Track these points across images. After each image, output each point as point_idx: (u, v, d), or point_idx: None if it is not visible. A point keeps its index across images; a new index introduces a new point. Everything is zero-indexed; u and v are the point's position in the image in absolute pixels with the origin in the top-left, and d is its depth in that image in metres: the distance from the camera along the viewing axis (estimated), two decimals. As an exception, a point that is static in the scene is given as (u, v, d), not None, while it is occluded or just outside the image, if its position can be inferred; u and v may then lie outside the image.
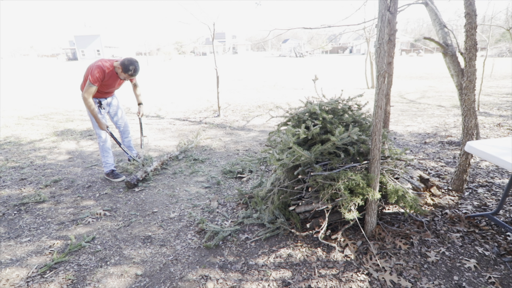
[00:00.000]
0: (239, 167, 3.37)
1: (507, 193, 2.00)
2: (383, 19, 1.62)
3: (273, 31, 3.68)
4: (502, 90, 8.41)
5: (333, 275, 1.75)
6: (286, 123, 2.27)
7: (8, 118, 6.36)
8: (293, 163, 1.95)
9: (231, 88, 10.65)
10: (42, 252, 2.04)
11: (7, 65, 38.93)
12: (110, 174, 3.19)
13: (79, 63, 38.12)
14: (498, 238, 1.98)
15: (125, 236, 2.21)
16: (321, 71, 17.82)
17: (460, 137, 4.12)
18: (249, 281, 1.74)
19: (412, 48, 43.23)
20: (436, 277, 1.69)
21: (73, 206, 2.67)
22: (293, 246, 2.01)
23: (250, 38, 78.95)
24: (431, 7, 2.75)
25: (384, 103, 1.98)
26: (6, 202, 2.75)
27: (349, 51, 55.94)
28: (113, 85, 2.99)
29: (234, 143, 4.40)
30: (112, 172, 3.20)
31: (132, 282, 1.77)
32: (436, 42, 2.66)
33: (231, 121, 5.85)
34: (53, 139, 4.81)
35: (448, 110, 6.16)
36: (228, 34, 66.65)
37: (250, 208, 2.49)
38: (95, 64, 2.79)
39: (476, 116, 2.63)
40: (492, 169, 3.10)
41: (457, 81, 2.68)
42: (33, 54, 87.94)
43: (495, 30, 21.27)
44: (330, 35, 14.60)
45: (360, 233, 2.05)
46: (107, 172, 3.20)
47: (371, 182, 1.84)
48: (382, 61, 1.68)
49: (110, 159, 3.19)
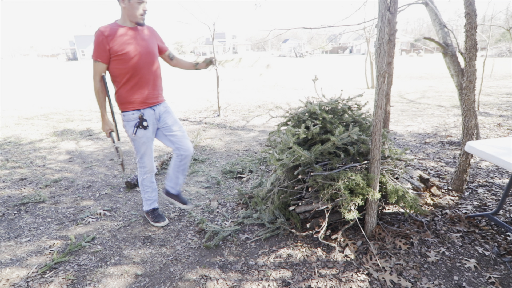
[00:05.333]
0: (239, 167, 3.37)
1: (507, 193, 2.00)
2: (383, 19, 1.62)
3: (273, 31, 3.68)
4: (502, 90, 8.41)
5: (333, 275, 1.75)
6: (286, 123, 2.26)
7: (8, 118, 6.36)
8: (293, 163, 1.95)
9: (231, 88, 10.65)
10: (42, 252, 2.04)
11: (7, 65, 38.94)
12: (150, 214, 2.35)
13: (79, 63, 38.12)
14: (498, 238, 1.98)
15: (125, 236, 2.21)
16: (321, 71, 17.82)
17: (460, 137, 4.12)
18: (249, 281, 1.74)
19: (412, 48, 43.23)
20: (436, 277, 1.69)
21: (73, 206, 2.67)
22: (293, 246, 2.01)
23: (250, 38, 78.96)
24: (431, 7, 2.75)
25: (384, 103, 1.98)
26: (6, 202, 2.75)
27: (349, 51, 55.94)
28: (136, 53, 1.89)
29: (234, 143, 4.40)
30: (153, 211, 2.36)
31: (132, 282, 1.77)
32: (436, 42, 2.66)
33: (231, 121, 5.85)
34: (53, 139, 4.81)
35: (448, 110, 6.16)
36: (228, 34, 66.66)
37: (250, 208, 2.49)
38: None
39: (476, 116, 2.63)
40: (492, 169, 3.10)
41: (457, 81, 2.68)
42: (33, 54, 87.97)
43: (495, 30, 21.28)
44: (330, 35, 14.60)
45: (360, 233, 2.05)
46: (146, 210, 2.37)
47: (371, 182, 1.84)
48: (382, 61, 1.68)
49: (154, 193, 2.35)
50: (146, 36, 1.98)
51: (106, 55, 1.85)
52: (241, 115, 6.37)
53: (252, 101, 8.04)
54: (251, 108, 7.10)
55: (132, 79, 1.94)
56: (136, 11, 1.85)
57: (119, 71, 1.91)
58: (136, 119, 2.01)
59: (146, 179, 2.26)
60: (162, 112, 2.13)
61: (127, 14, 1.87)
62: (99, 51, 1.84)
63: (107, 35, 1.82)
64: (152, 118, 2.07)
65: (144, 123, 2.01)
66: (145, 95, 2.00)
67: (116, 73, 1.92)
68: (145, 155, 2.15)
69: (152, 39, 2.02)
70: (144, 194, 2.33)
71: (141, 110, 2.01)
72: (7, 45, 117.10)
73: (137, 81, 1.95)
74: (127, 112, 2.00)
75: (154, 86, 2.05)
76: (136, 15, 1.86)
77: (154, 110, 2.08)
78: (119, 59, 1.87)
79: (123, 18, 1.90)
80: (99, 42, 1.82)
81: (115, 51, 1.84)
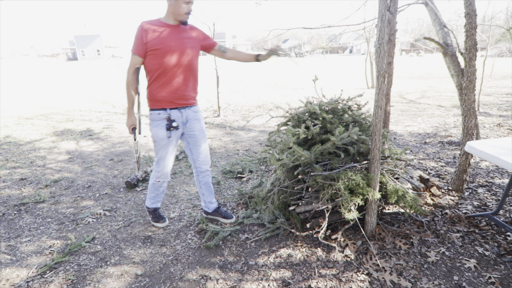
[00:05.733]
0: (239, 167, 3.37)
1: (507, 193, 2.00)
2: (383, 19, 1.62)
3: (273, 31, 3.68)
4: (502, 90, 8.41)
5: (333, 275, 1.75)
6: (286, 123, 2.27)
7: (8, 118, 6.36)
8: (293, 163, 1.95)
9: (231, 88, 10.65)
10: (42, 252, 2.04)
11: (7, 65, 38.93)
12: (152, 213, 2.32)
13: (79, 63, 38.12)
14: (498, 238, 1.98)
15: (125, 236, 2.21)
16: (321, 71, 17.81)
17: (460, 137, 4.12)
18: (249, 281, 1.74)
19: (412, 48, 43.22)
20: (436, 277, 1.69)
21: (73, 206, 2.67)
22: (293, 246, 2.01)
23: (250, 38, 78.93)
24: (431, 7, 2.75)
25: (384, 103, 1.98)
26: (6, 202, 2.75)
27: (349, 51, 55.94)
28: (170, 50, 1.86)
29: (234, 143, 4.40)
30: (154, 211, 2.32)
31: (132, 282, 1.77)
32: (436, 42, 2.66)
33: (231, 121, 5.85)
34: (53, 139, 4.80)
35: (448, 110, 6.16)
36: (228, 34, 66.69)
37: (250, 208, 2.49)
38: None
39: (476, 116, 2.63)
40: (492, 169, 3.10)
41: (457, 81, 2.68)
42: (33, 54, 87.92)
43: (495, 30, 21.27)
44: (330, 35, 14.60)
45: (360, 233, 2.05)
46: (149, 207, 2.31)
47: (371, 182, 1.84)
48: (382, 61, 1.68)
49: (160, 196, 2.29)
50: (187, 35, 1.95)
51: (143, 49, 1.85)
52: (241, 115, 6.37)
53: (252, 101, 8.04)
54: (251, 108, 7.10)
55: (162, 76, 1.90)
56: (181, 10, 1.85)
57: (152, 66, 1.89)
58: (161, 119, 1.95)
59: (157, 183, 2.17)
60: (190, 117, 2.05)
61: (172, 11, 1.87)
62: (137, 44, 1.86)
63: (147, 29, 1.84)
64: (178, 121, 2.00)
65: (173, 123, 1.95)
66: (174, 95, 1.94)
67: (149, 68, 1.91)
68: (162, 159, 2.05)
69: (193, 39, 1.98)
70: (150, 193, 2.25)
71: (168, 110, 1.95)
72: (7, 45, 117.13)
73: (168, 79, 1.91)
74: (154, 111, 1.97)
75: (186, 87, 1.98)
76: (180, 13, 1.86)
77: (182, 113, 2.00)
78: (153, 54, 1.86)
79: (167, 15, 1.90)
80: (138, 36, 1.85)
81: (151, 45, 1.84)
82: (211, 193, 2.31)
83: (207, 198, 2.31)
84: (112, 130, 5.33)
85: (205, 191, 2.29)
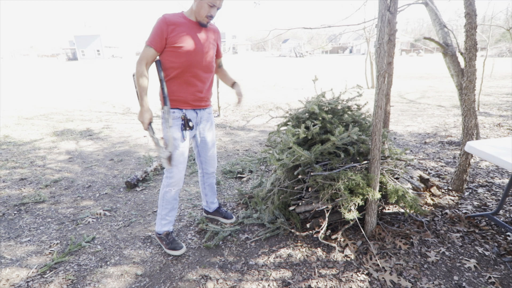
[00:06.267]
0: (239, 167, 3.37)
1: (507, 193, 2.00)
2: (383, 19, 1.62)
3: (273, 31, 3.69)
4: (502, 90, 8.41)
5: (333, 275, 1.75)
6: (286, 124, 2.27)
7: (8, 118, 6.36)
8: (293, 163, 1.95)
9: (231, 88, 10.64)
10: (42, 252, 2.04)
11: (7, 65, 38.93)
12: (164, 239, 2.02)
13: (79, 63, 38.12)
14: (498, 238, 1.98)
15: (125, 236, 2.21)
16: (321, 71, 17.81)
17: (460, 137, 4.12)
18: (249, 281, 1.74)
19: (412, 48, 43.23)
20: (436, 277, 1.69)
21: (73, 206, 2.67)
22: (293, 246, 2.01)
23: (250, 38, 78.96)
24: (431, 7, 2.75)
25: (384, 103, 1.98)
26: (6, 202, 2.75)
27: (349, 51, 55.95)
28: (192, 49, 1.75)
29: (234, 143, 4.40)
30: (167, 236, 2.03)
31: (132, 282, 1.77)
32: (436, 42, 2.66)
33: (231, 121, 5.85)
34: (53, 139, 4.80)
35: (448, 110, 6.16)
36: (228, 34, 66.65)
37: (250, 208, 2.49)
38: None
39: (476, 116, 2.63)
40: (492, 169, 3.10)
41: (457, 81, 2.68)
42: (33, 54, 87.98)
43: (495, 30, 21.27)
44: (330, 35, 14.60)
45: (360, 233, 2.05)
46: (160, 233, 2.03)
47: (371, 182, 1.84)
48: (382, 61, 1.68)
49: (172, 213, 2.03)
50: (209, 36, 1.85)
51: (161, 43, 1.71)
52: (241, 115, 6.37)
53: (252, 101, 8.05)
54: (251, 108, 7.10)
55: (181, 76, 1.79)
56: (203, 11, 1.72)
57: (170, 64, 1.76)
58: (176, 118, 1.83)
59: (168, 192, 1.94)
60: (204, 118, 1.99)
61: (195, 10, 1.75)
62: (155, 37, 1.70)
63: (169, 23, 1.69)
64: (193, 122, 1.91)
65: (189, 123, 1.84)
66: (192, 96, 1.85)
67: (167, 65, 1.77)
68: (176, 163, 1.89)
69: (213, 41, 1.89)
70: (161, 211, 1.99)
71: (183, 110, 1.85)
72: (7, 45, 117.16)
73: (186, 79, 1.80)
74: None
75: (203, 89, 1.88)
76: (201, 15, 1.74)
77: (197, 113, 1.92)
78: (173, 51, 1.73)
79: (190, 11, 1.79)
80: (158, 29, 1.69)
81: (172, 41, 1.71)
82: (214, 194, 2.32)
83: (209, 198, 2.32)
84: (112, 130, 5.33)
85: (208, 192, 2.28)
